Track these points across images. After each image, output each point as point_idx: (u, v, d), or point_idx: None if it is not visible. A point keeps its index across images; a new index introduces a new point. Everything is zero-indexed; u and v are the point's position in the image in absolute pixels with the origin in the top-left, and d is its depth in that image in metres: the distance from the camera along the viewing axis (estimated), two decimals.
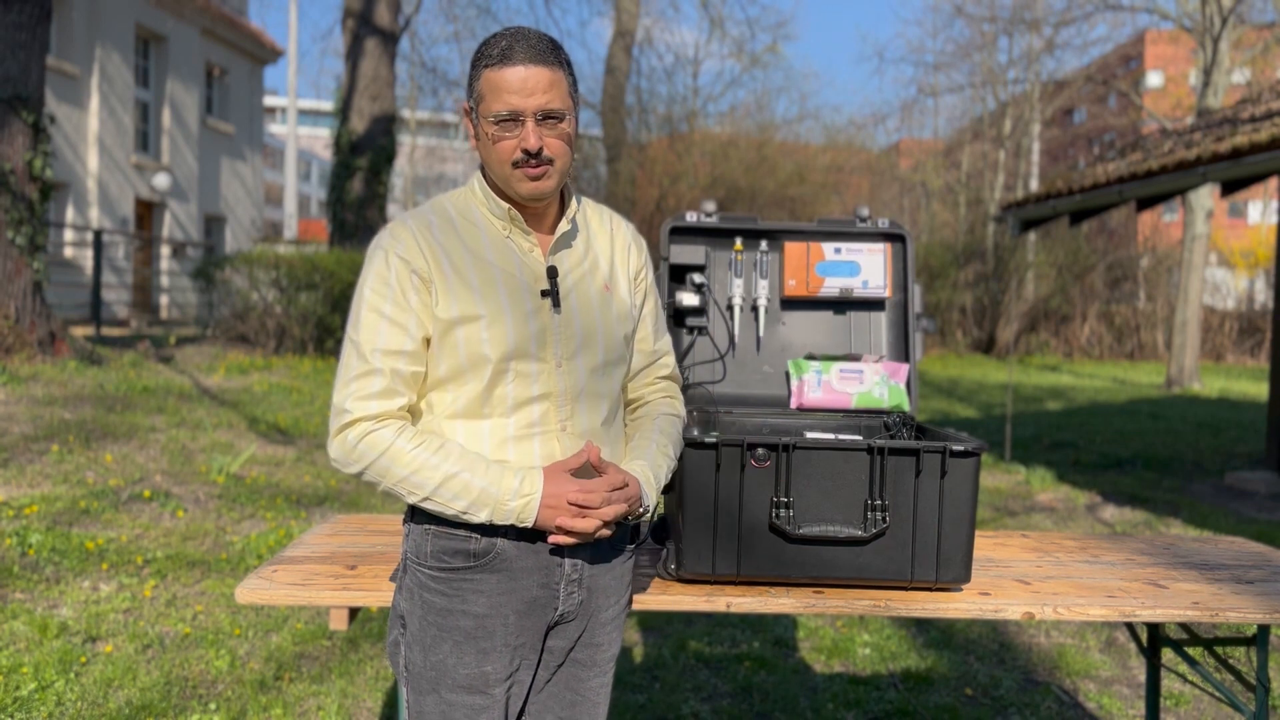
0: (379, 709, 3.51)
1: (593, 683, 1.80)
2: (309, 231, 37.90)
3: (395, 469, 1.63)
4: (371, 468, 1.64)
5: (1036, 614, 2.10)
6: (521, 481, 1.63)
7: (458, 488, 1.62)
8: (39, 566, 4.63)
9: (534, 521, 1.64)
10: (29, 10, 8.81)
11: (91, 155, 17.69)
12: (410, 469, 1.62)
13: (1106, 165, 8.87)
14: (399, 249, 1.67)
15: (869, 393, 2.57)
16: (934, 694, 3.75)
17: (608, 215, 1.88)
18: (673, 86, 33.09)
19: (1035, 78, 26.65)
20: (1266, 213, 34.88)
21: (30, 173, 8.97)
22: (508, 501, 1.63)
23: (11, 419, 7.05)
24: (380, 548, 2.48)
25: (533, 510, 1.63)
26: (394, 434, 1.64)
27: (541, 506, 1.63)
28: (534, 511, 1.63)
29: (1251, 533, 6.34)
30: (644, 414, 1.90)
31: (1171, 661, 3.97)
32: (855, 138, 28.55)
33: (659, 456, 1.81)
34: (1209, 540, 2.84)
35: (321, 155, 53.64)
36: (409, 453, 1.62)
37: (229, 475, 6.53)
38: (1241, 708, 2.35)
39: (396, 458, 1.62)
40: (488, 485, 1.62)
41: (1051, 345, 23.66)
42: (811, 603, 2.08)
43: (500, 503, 1.63)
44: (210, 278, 13.80)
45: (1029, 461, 9.03)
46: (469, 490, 1.62)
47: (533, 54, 1.61)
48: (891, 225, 2.68)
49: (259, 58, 23.77)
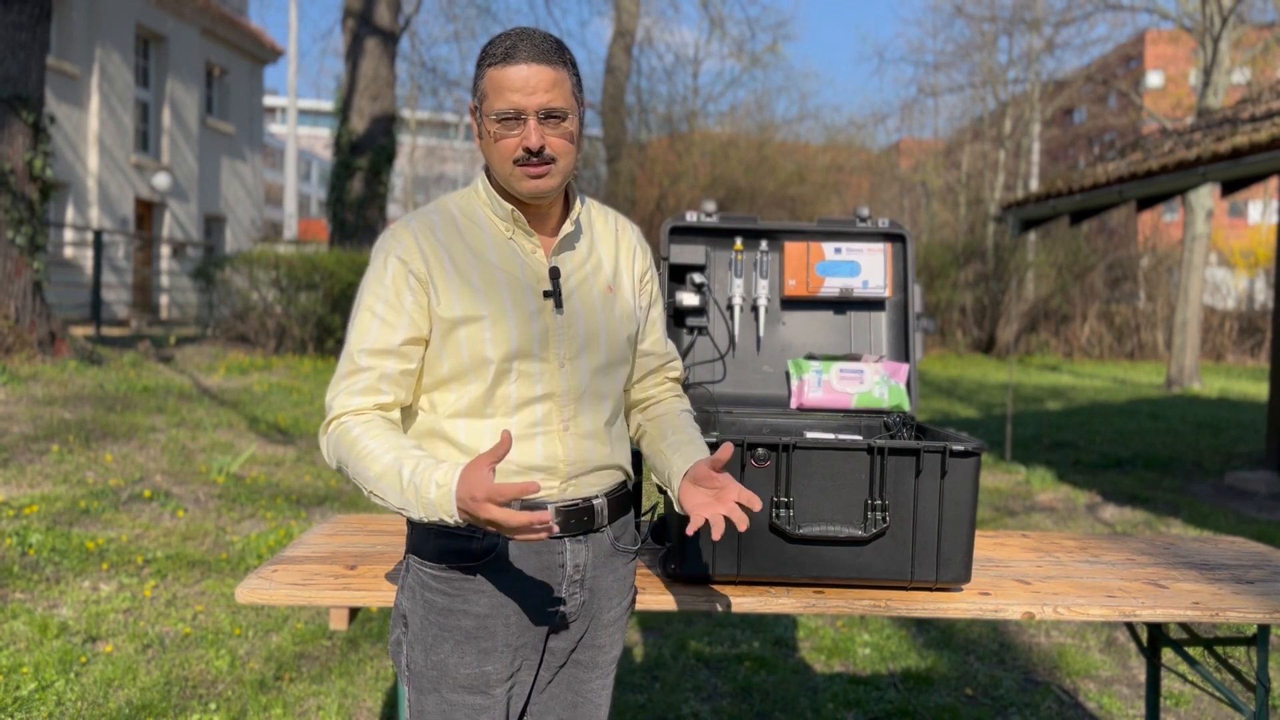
0: (379, 709, 3.51)
1: (594, 684, 1.80)
2: (309, 231, 37.91)
3: (351, 460, 1.60)
4: (342, 461, 1.62)
5: (1036, 614, 2.10)
6: (443, 473, 1.52)
7: (391, 478, 1.55)
8: (39, 566, 4.63)
9: (454, 513, 1.51)
10: (29, 10, 8.81)
11: (91, 155, 17.69)
12: (360, 459, 1.58)
13: (1106, 165, 8.87)
14: (398, 250, 1.68)
15: (869, 393, 2.57)
16: (934, 694, 3.75)
17: (613, 217, 1.88)
18: (673, 86, 33.16)
19: (1035, 78, 26.65)
20: (1266, 213, 34.89)
21: (30, 173, 8.98)
22: (429, 491, 1.52)
23: (11, 419, 7.05)
24: (380, 548, 2.48)
25: (447, 498, 1.50)
26: (359, 426, 1.62)
27: (460, 497, 1.49)
28: (450, 500, 1.50)
29: (1251, 533, 6.34)
30: (665, 411, 1.90)
31: (1171, 661, 3.97)
32: (855, 138, 28.57)
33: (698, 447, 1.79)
34: (1209, 540, 2.84)
35: (321, 155, 53.64)
36: (362, 443, 1.59)
37: (229, 475, 6.53)
38: (1241, 708, 2.35)
39: (353, 447, 1.60)
40: (413, 475, 1.54)
41: (1051, 345, 23.66)
42: (811, 603, 2.08)
43: (422, 491, 1.53)
44: (210, 278, 13.81)
45: (1029, 461, 9.03)
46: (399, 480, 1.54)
47: (536, 53, 1.61)
48: (891, 225, 2.68)
49: (259, 58, 23.77)
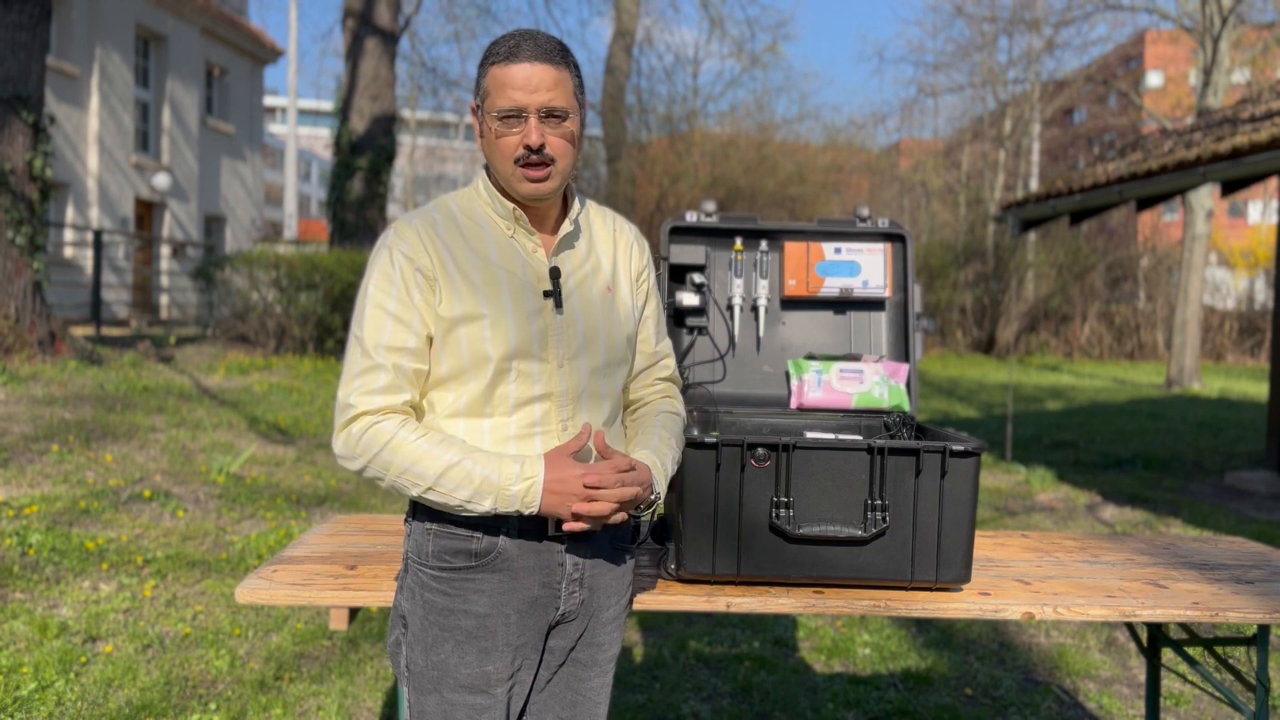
0: (379, 709, 3.51)
1: (593, 683, 1.80)
2: (309, 231, 37.92)
3: (397, 461, 1.62)
4: (374, 461, 1.63)
5: (1036, 614, 2.10)
6: (523, 466, 1.61)
7: (459, 476, 1.60)
8: (39, 566, 4.63)
9: (539, 507, 1.62)
10: (29, 10, 8.81)
11: (91, 155, 17.70)
12: (411, 459, 1.61)
13: (1106, 165, 8.87)
14: (404, 247, 1.68)
15: (869, 393, 2.57)
16: (934, 694, 3.75)
17: (611, 217, 1.89)
18: (673, 86, 33.14)
19: (1035, 78, 26.65)
20: (1266, 213, 34.88)
21: (30, 173, 8.98)
22: (510, 486, 1.60)
23: (11, 419, 7.05)
24: (380, 548, 2.48)
25: (536, 494, 1.61)
26: (396, 426, 1.63)
27: (545, 491, 1.61)
28: (538, 495, 1.61)
29: (1251, 533, 6.34)
30: (645, 412, 1.91)
31: (1171, 661, 3.97)
32: (855, 138, 28.60)
33: (663, 446, 1.80)
34: (1209, 540, 2.84)
35: (321, 155, 53.65)
36: (411, 443, 1.62)
37: (229, 475, 6.53)
38: (1241, 708, 2.35)
39: (398, 449, 1.62)
40: (489, 473, 1.60)
41: (1051, 345, 23.66)
42: (811, 603, 2.08)
43: (503, 488, 1.61)
44: (210, 278, 13.82)
45: (1029, 461, 9.03)
46: (470, 479, 1.60)
47: (539, 53, 1.63)
48: (891, 225, 2.68)
49: (259, 57, 23.78)
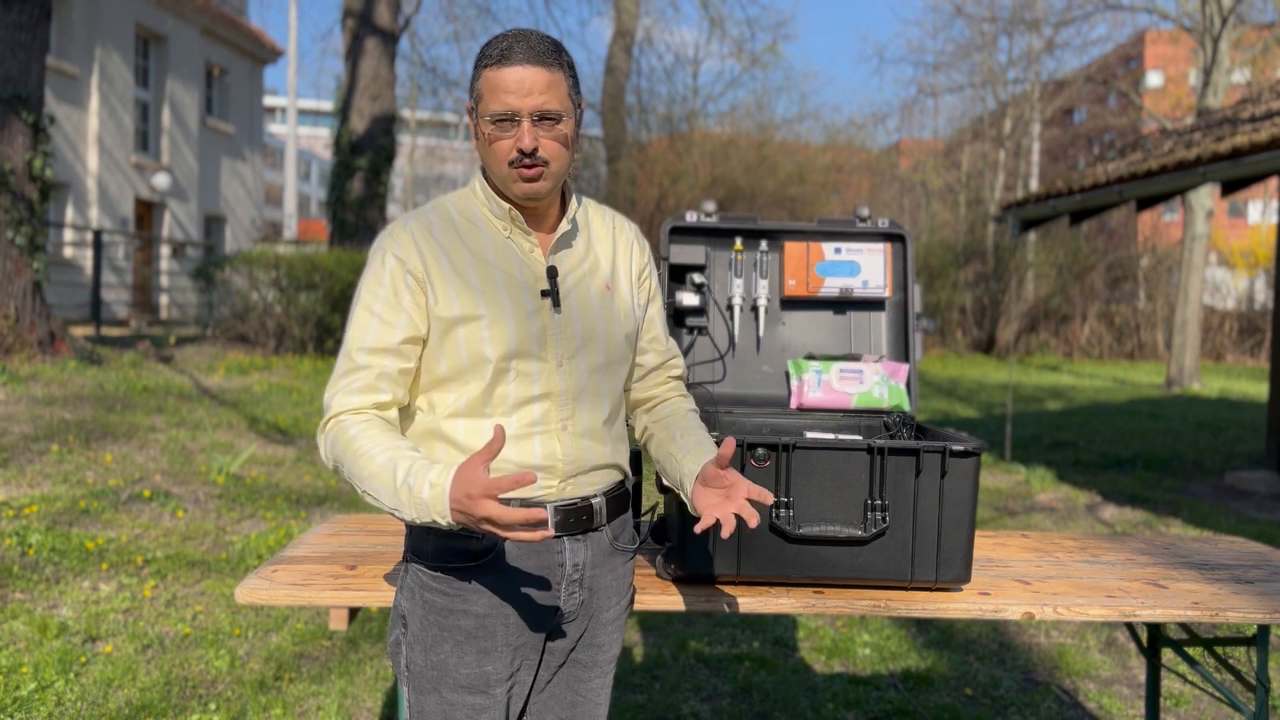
0: (379, 709, 3.51)
1: (593, 683, 1.80)
2: (309, 231, 37.94)
3: (347, 459, 1.58)
4: (338, 461, 1.60)
5: (1036, 614, 2.10)
6: (437, 473, 1.50)
7: (384, 478, 1.53)
8: (39, 566, 4.63)
9: (447, 514, 1.48)
10: (29, 10, 8.81)
11: (91, 155, 17.69)
12: (355, 457, 1.57)
13: (1106, 165, 8.87)
14: (396, 249, 1.68)
15: (869, 393, 2.57)
16: (934, 694, 3.75)
17: (610, 215, 1.88)
18: (673, 86, 33.17)
19: (1035, 78, 26.64)
20: (1266, 213, 34.88)
21: (30, 173, 8.98)
22: (422, 491, 1.50)
23: (11, 419, 7.05)
24: (380, 548, 2.48)
25: (441, 498, 1.47)
26: (358, 425, 1.60)
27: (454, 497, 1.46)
28: (444, 500, 1.47)
29: (1251, 533, 6.34)
30: (672, 411, 1.88)
31: (1171, 661, 3.97)
32: (855, 138, 28.60)
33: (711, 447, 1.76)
34: (1209, 540, 2.84)
35: (321, 155, 53.65)
36: (357, 441, 1.58)
37: (229, 475, 6.53)
38: (1241, 708, 2.35)
39: (349, 446, 1.58)
40: (408, 475, 1.52)
41: (1051, 345, 23.65)
42: (811, 603, 2.08)
43: (415, 492, 1.50)
44: (210, 278, 13.82)
45: (1029, 461, 9.03)
46: (393, 480, 1.52)
47: (532, 55, 1.61)
48: (891, 225, 2.68)
49: (259, 57, 23.77)
